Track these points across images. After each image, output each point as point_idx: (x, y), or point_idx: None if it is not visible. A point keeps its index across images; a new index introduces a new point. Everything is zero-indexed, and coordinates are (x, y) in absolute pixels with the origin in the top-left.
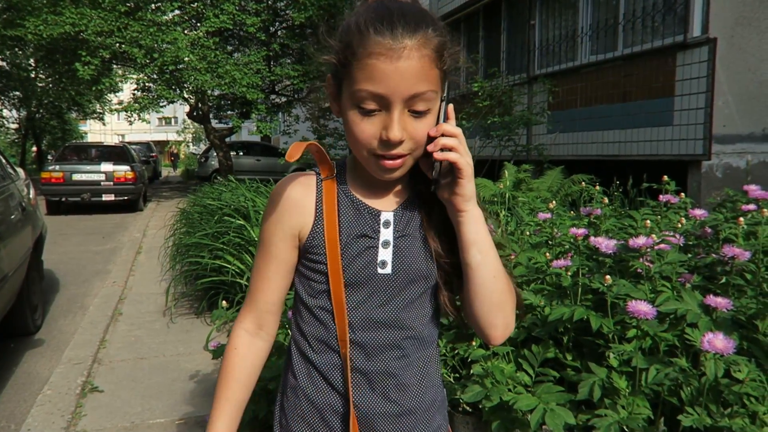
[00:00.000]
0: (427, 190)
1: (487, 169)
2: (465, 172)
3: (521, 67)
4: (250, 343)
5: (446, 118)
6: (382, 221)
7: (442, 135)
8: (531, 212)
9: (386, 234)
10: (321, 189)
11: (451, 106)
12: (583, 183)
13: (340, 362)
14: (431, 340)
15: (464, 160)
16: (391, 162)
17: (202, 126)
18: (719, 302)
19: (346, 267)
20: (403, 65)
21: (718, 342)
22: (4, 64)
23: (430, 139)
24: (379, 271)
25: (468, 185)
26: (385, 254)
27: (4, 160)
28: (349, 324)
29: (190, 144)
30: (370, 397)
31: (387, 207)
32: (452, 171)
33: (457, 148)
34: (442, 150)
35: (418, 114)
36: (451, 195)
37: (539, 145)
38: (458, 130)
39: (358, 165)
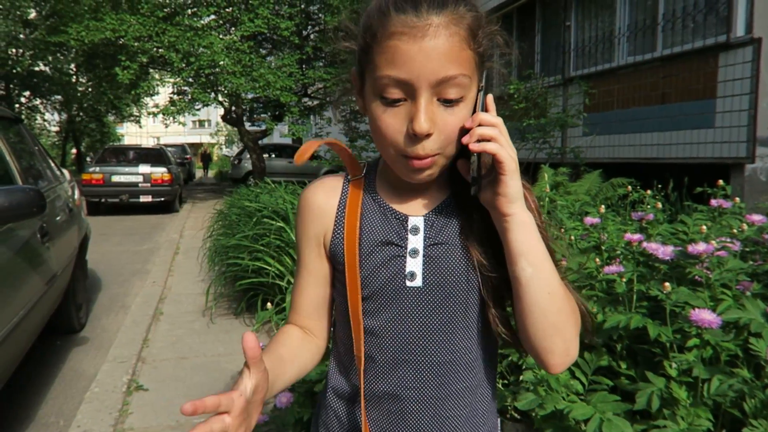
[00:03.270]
0: (466, 193)
1: (522, 172)
2: (507, 167)
3: (556, 69)
4: (295, 329)
5: (485, 110)
6: (409, 227)
7: (479, 126)
8: (570, 216)
9: (414, 241)
10: (347, 191)
11: (490, 97)
12: (629, 187)
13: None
14: (479, 365)
15: (505, 152)
16: (419, 162)
17: (236, 128)
18: None
19: (367, 277)
20: (429, 45)
21: None
22: (47, 69)
23: (466, 132)
24: (408, 283)
25: (511, 183)
26: (413, 264)
27: (52, 163)
28: (379, 345)
29: (223, 146)
30: (401, 426)
31: (417, 211)
32: (493, 169)
33: (497, 139)
34: (479, 141)
35: (449, 103)
36: (493, 196)
37: (575, 148)
38: (498, 120)
39: (389, 165)
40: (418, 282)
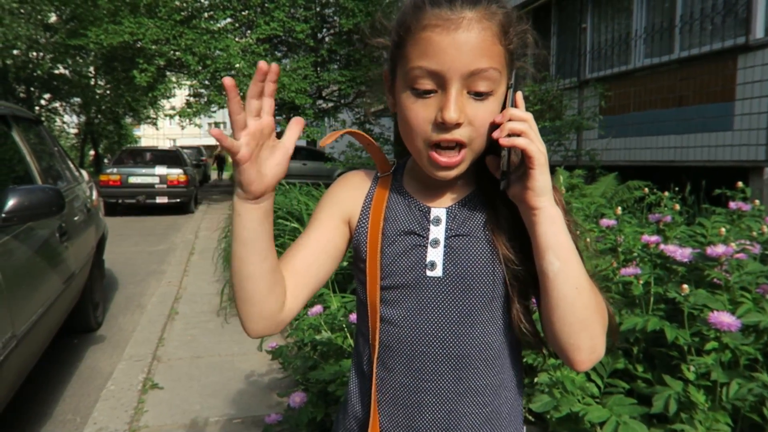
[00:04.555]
0: (493, 187)
1: None
2: (537, 161)
3: (572, 71)
4: None
5: (514, 107)
6: (431, 218)
7: (510, 120)
8: (586, 219)
9: (436, 232)
10: (374, 186)
11: (519, 94)
12: (645, 189)
13: (378, 371)
14: (501, 364)
15: (535, 146)
16: (446, 159)
17: None
18: None
19: (388, 266)
20: (462, 37)
21: None
22: (67, 72)
23: (496, 127)
24: (428, 273)
25: (540, 177)
26: (434, 254)
27: (71, 164)
28: (398, 335)
29: None
30: (417, 419)
31: (440, 204)
32: (523, 163)
33: (527, 133)
34: (509, 136)
35: (479, 96)
36: (521, 190)
37: (591, 151)
38: (528, 115)
39: (416, 161)
40: (438, 272)
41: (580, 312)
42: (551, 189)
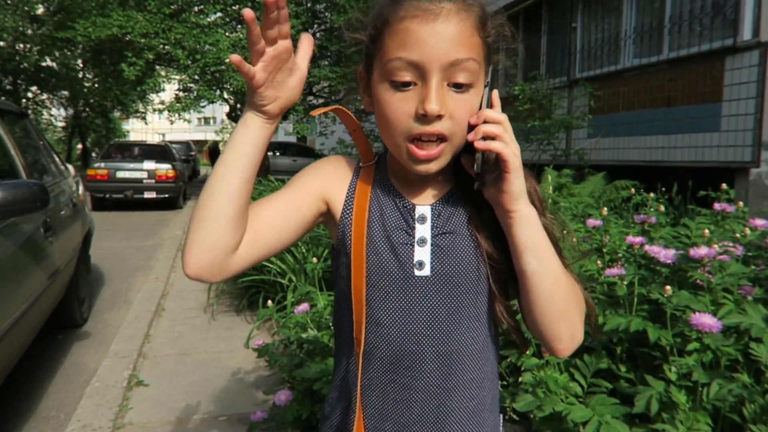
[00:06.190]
0: (471, 184)
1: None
2: (511, 165)
3: (562, 71)
4: None
5: (490, 106)
6: (417, 216)
7: (485, 122)
8: (573, 218)
9: (422, 230)
10: (357, 176)
11: (495, 92)
12: (632, 189)
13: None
14: (485, 357)
15: (510, 150)
16: (425, 152)
17: None
18: None
19: (373, 263)
20: (441, 27)
21: None
22: (54, 64)
23: (471, 129)
24: (416, 272)
25: (515, 180)
26: (421, 253)
27: (57, 158)
28: (386, 335)
29: None
30: (406, 415)
31: (423, 201)
32: (497, 164)
33: (501, 137)
34: (484, 139)
35: (459, 88)
36: (497, 193)
37: (580, 150)
38: (503, 117)
39: (396, 157)
40: (426, 271)
41: (559, 304)
42: (525, 191)
